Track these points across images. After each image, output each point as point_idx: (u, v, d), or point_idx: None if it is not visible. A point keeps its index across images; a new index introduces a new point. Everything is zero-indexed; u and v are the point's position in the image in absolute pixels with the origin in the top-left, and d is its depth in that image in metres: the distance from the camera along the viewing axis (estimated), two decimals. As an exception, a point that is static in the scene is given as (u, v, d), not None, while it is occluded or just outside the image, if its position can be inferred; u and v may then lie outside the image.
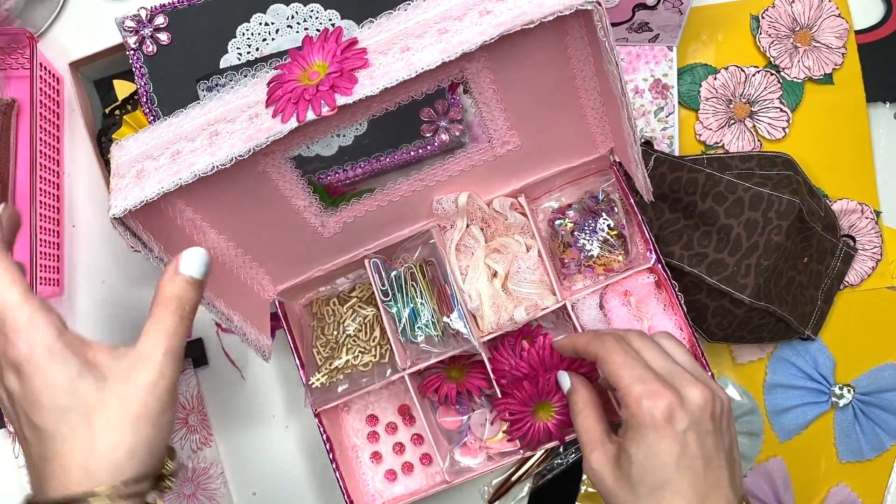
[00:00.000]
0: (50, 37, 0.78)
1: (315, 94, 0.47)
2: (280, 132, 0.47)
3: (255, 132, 0.47)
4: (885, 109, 0.78)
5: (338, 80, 0.47)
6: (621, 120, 0.56)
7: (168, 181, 0.47)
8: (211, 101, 0.51)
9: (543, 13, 0.45)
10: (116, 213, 0.47)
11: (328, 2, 0.67)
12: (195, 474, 0.75)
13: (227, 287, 0.60)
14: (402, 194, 0.62)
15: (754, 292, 0.65)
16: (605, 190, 0.68)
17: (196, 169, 0.47)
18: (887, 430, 0.74)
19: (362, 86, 0.46)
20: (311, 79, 0.48)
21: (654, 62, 0.76)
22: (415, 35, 0.47)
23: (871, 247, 0.76)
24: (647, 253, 0.66)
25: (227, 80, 0.64)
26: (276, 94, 0.48)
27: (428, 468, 0.72)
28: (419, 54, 0.46)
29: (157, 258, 0.52)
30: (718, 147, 0.76)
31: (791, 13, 0.76)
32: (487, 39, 0.45)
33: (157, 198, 0.47)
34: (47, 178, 0.74)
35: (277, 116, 0.47)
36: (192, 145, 0.49)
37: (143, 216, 0.50)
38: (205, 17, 0.66)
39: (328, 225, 0.62)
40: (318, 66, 0.48)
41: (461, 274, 0.66)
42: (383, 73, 0.46)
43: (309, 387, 0.67)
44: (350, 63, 0.47)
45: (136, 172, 0.49)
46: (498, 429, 0.67)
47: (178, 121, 0.51)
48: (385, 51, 0.47)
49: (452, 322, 0.65)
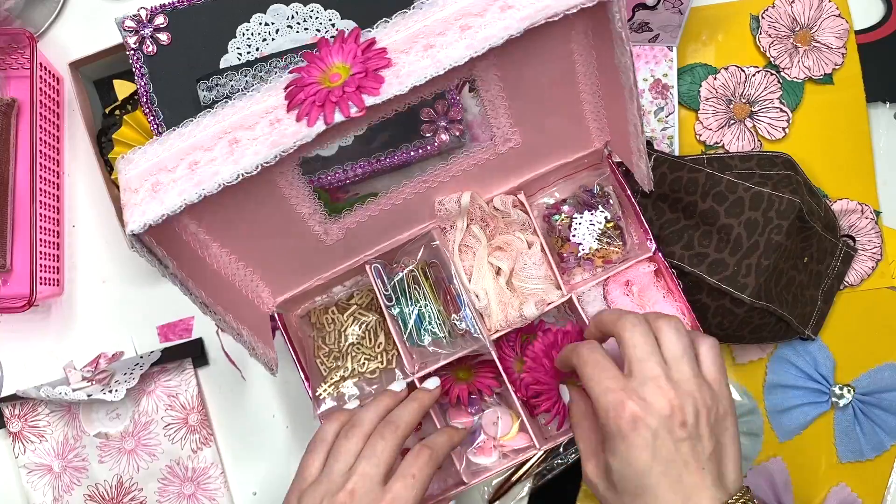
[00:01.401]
0: (50, 37, 0.78)
1: (342, 95, 0.45)
2: (308, 136, 0.45)
3: (279, 137, 0.46)
4: (885, 109, 0.78)
5: (363, 80, 0.46)
6: (626, 111, 0.56)
7: (190, 192, 0.45)
8: (224, 108, 0.49)
9: (567, 5, 0.44)
10: (135, 229, 0.45)
11: (328, 2, 0.67)
12: (195, 474, 0.75)
13: (233, 302, 0.59)
14: (404, 197, 0.62)
15: (755, 292, 0.65)
16: (599, 183, 0.68)
17: (220, 178, 0.45)
18: (887, 430, 0.74)
19: (390, 85, 0.45)
20: (332, 80, 0.46)
21: (654, 62, 0.76)
22: (436, 33, 0.47)
23: (871, 247, 0.76)
24: (647, 242, 0.66)
25: (227, 80, 0.64)
26: (298, 98, 0.47)
27: (442, 470, 0.71)
28: (445, 51, 0.46)
29: (171, 275, 0.50)
30: (718, 147, 0.76)
31: (791, 13, 0.76)
32: (514, 34, 0.45)
33: (180, 211, 0.45)
34: (47, 178, 0.74)
35: (303, 120, 0.46)
36: (211, 154, 0.47)
37: (155, 233, 0.47)
38: (205, 17, 0.66)
39: (331, 232, 0.62)
40: (339, 67, 0.47)
41: (466, 274, 0.66)
42: (410, 72, 0.45)
43: (317, 398, 0.67)
44: (374, 63, 0.46)
45: (151, 186, 0.47)
46: (510, 425, 0.67)
47: (189, 130, 0.49)
48: (406, 49, 0.47)
49: (460, 322, 0.65)
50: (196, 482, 0.75)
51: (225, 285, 0.58)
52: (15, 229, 0.75)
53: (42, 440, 0.75)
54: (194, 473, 0.75)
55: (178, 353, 0.74)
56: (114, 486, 0.74)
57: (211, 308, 0.55)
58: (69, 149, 0.78)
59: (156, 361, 0.73)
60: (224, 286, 0.58)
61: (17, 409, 0.75)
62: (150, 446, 0.75)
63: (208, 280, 0.55)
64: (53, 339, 0.76)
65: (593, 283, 0.66)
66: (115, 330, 0.76)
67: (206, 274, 0.55)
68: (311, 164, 0.68)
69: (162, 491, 0.75)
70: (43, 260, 0.72)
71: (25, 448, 0.75)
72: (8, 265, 0.74)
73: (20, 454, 0.75)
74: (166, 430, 0.75)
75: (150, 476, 0.75)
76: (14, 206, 0.75)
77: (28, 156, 0.73)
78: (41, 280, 0.71)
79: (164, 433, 0.75)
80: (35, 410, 0.75)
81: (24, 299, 0.70)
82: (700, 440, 0.50)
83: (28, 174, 0.73)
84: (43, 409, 0.75)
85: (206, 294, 0.54)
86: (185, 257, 0.52)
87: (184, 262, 0.51)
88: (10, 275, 0.75)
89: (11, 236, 0.74)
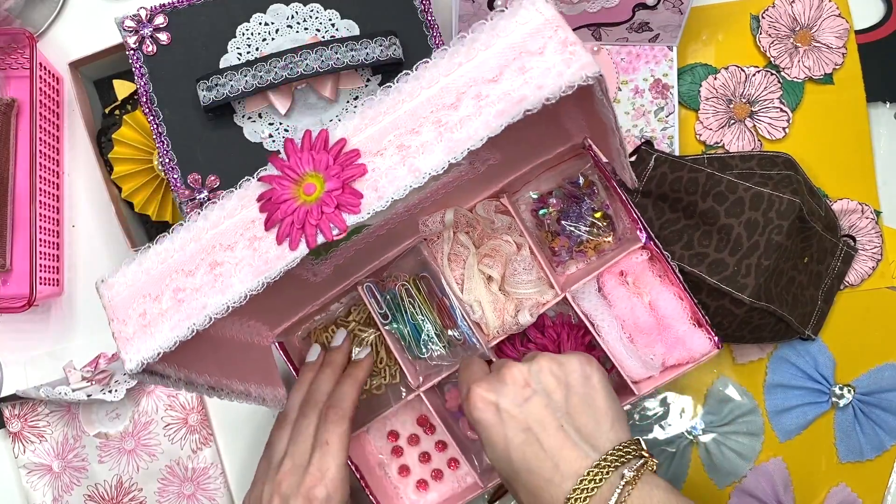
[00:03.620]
0: (50, 37, 0.78)
1: (321, 217, 0.43)
2: (293, 260, 0.44)
3: (262, 264, 0.44)
4: (886, 109, 0.78)
5: (341, 197, 0.43)
6: (609, 142, 0.55)
7: (182, 328, 0.45)
8: (196, 221, 0.46)
9: (543, 96, 0.41)
10: (133, 368, 0.45)
11: (328, 2, 0.67)
12: (195, 474, 0.75)
13: (232, 356, 0.59)
14: (388, 227, 0.62)
15: (755, 292, 0.65)
16: (583, 174, 0.68)
17: (209, 312, 0.44)
18: (887, 430, 0.74)
19: (369, 201, 0.43)
20: (307, 193, 0.44)
21: (654, 62, 0.76)
22: (408, 129, 0.43)
23: (871, 247, 0.76)
24: (637, 231, 0.65)
25: (227, 79, 0.64)
26: (275, 216, 0.45)
27: (457, 471, 0.71)
28: (422, 158, 0.43)
29: (175, 381, 0.50)
30: (718, 147, 0.76)
31: (791, 13, 0.76)
32: (491, 134, 0.42)
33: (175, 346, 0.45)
34: (47, 178, 0.74)
35: (284, 243, 0.44)
36: (194, 281, 0.45)
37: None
38: (205, 16, 0.66)
39: (320, 272, 0.62)
40: (312, 177, 0.45)
41: (457, 283, 0.66)
42: (388, 182, 0.43)
43: None
44: (349, 172, 0.44)
45: (139, 317, 0.46)
46: None
47: (165, 248, 0.47)
48: (380, 151, 0.44)
49: (457, 334, 0.65)
50: (196, 482, 0.75)
51: (222, 342, 0.58)
52: (15, 229, 0.75)
53: (42, 440, 0.75)
54: (194, 473, 0.75)
55: (178, 353, 0.74)
56: (113, 486, 0.74)
57: (217, 389, 0.54)
58: (69, 149, 0.78)
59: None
60: (221, 344, 0.57)
61: (17, 409, 0.75)
62: (150, 446, 0.75)
63: (207, 354, 0.54)
64: (53, 339, 0.76)
65: (586, 280, 0.66)
66: (114, 330, 0.76)
67: (203, 349, 0.53)
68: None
69: (162, 491, 0.75)
70: (43, 260, 0.71)
71: (25, 448, 0.75)
72: (8, 265, 0.74)
73: (20, 454, 0.74)
74: (166, 430, 0.75)
75: (149, 476, 0.75)
76: (14, 205, 0.75)
77: (28, 156, 0.73)
78: (41, 280, 0.71)
79: (163, 433, 0.75)
80: (35, 410, 0.75)
81: (24, 299, 0.70)
82: (550, 395, 0.50)
83: (28, 174, 0.73)
84: (43, 409, 0.75)
85: (210, 375, 0.54)
86: (182, 351, 0.50)
87: (179, 352, 0.49)
88: (9, 275, 0.75)
89: (11, 236, 0.74)
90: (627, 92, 0.75)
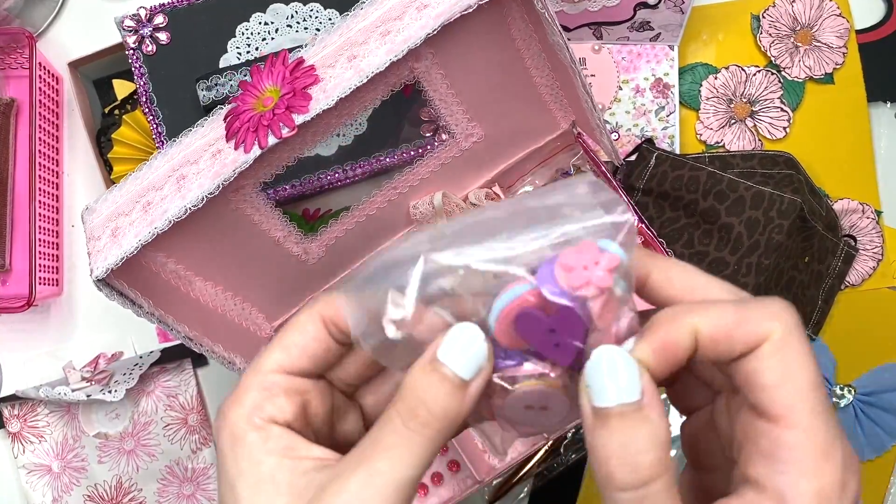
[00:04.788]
0: (49, 36, 0.78)
1: (272, 118, 0.46)
2: (246, 162, 0.46)
3: (220, 168, 0.47)
4: (886, 109, 0.78)
5: (292, 100, 0.47)
6: (576, 89, 0.56)
7: (144, 233, 0.47)
8: (172, 147, 0.50)
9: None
10: (99, 275, 0.46)
11: (328, 1, 0.67)
12: (195, 474, 0.75)
13: (224, 331, 0.60)
14: (377, 206, 0.63)
15: (755, 291, 0.65)
16: (574, 164, 0.68)
17: (169, 215, 0.46)
18: (888, 430, 0.74)
19: (317, 101, 0.46)
20: (265, 104, 0.47)
21: (654, 61, 0.76)
22: (358, 43, 0.47)
23: (872, 247, 0.76)
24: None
25: (227, 79, 0.64)
26: (234, 127, 0.48)
27: (457, 474, 0.71)
28: (367, 59, 0.46)
29: (148, 313, 0.51)
30: (719, 147, 0.76)
31: (792, 13, 0.76)
32: (430, 32, 0.45)
33: (137, 252, 0.46)
34: (47, 178, 0.74)
35: (240, 148, 0.47)
36: (161, 193, 0.48)
37: (126, 274, 0.49)
38: (204, 16, 0.66)
39: (311, 251, 0.62)
40: (271, 91, 0.48)
41: None
42: (335, 85, 0.46)
43: None
44: (301, 81, 0.47)
45: (112, 231, 0.48)
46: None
47: (143, 173, 0.50)
48: (333, 63, 0.47)
49: None
50: (196, 482, 0.75)
51: (216, 317, 0.59)
52: (14, 229, 0.75)
53: (41, 440, 0.75)
54: (194, 474, 0.75)
55: (178, 354, 0.74)
56: (113, 486, 0.74)
57: (196, 341, 0.56)
58: (68, 148, 0.78)
59: (155, 361, 0.73)
60: (215, 318, 0.58)
61: (17, 410, 0.74)
62: (150, 447, 0.74)
63: (195, 314, 0.55)
64: (53, 339, 0.76)
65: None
66: (114, 330, 0.75)
67: (191, 309, 0.55)
68: (279, 183, 0.68)
69: (161, 491, 0.75)
70: (42, 260, 0.71)
71: (25, 448, 0.74)
72: (7, 265, 0.74)
73: (19, 454, 0.74)
74: (166, 431, 0.75)
75: (149, 476, 0.74)
76: (13, 205, 0.75)
77: (27, 155, 0.73)
78: (40, 280, 0.71)
79: (163, 433, 0.75)
80: (34, 411, 0.75)
81: (24, 299, 0.69)
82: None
83: (27, 174, 0.73)
84: (42, 409, 0.75)
85: (191, 328, 0.55)
86: (164, 295, 0.53)
87: (163, 299, 0.52)
88: (9, 275, 0.75)
89: (11, 236, 0.74)
90: (628, 91, 0.75)
